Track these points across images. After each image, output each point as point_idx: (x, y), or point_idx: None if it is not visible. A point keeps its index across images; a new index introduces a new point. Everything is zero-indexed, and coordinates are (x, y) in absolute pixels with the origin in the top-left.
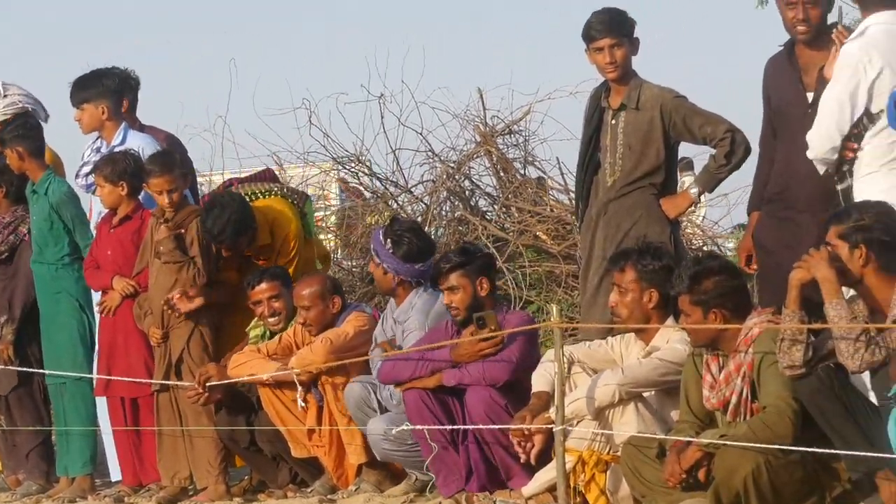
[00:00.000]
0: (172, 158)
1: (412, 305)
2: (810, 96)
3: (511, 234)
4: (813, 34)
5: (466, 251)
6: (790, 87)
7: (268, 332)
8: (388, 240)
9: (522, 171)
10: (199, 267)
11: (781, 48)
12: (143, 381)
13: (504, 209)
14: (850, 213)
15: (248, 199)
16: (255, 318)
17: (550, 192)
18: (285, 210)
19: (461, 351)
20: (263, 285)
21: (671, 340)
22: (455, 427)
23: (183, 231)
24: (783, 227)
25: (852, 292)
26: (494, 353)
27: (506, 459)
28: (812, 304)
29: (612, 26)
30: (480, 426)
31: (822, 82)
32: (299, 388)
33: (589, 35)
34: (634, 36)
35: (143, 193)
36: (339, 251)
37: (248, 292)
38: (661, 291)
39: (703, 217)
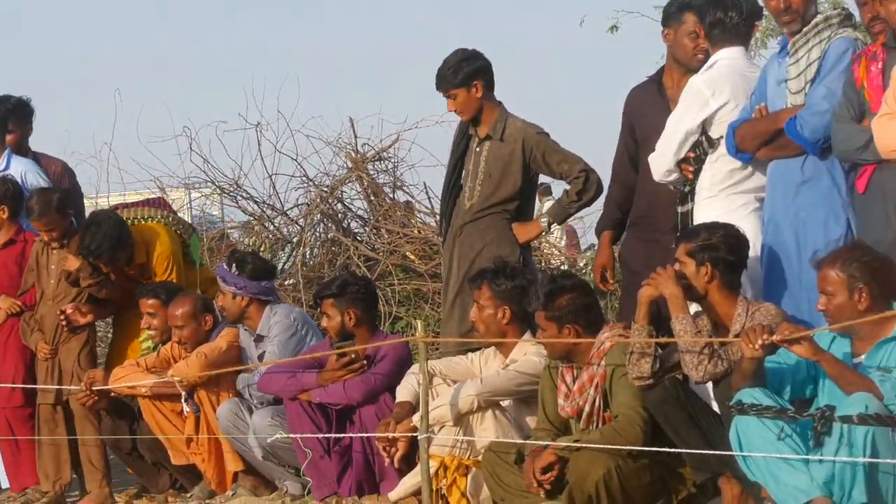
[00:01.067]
0: (50, 200)
1: (271, 317)
2: None
3: (381, 254)
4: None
5: (344, 283)
6: (658, 117)
7: (156, 346)
8: (233, 264)
9: (392, 195)
10: (113, 279)
11: (647, 79)
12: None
13: (374, 231)
14: (698, 233)
15: (129, 222)
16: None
17: (418, 215)
18: (161, 232)
19: (325, 377)
20: (146, 300)
21: (528, 353)
22: (327, 435)
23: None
24: (648, 249)
25: (698, 307)
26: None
27: (384, 466)
28: (660, 319)
29: (442, 81)
30: (350, 435)
31: None
32: (184, 394)
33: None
34: (475, 80)
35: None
36: None
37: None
38: (515, 308)
39: (562, 239)
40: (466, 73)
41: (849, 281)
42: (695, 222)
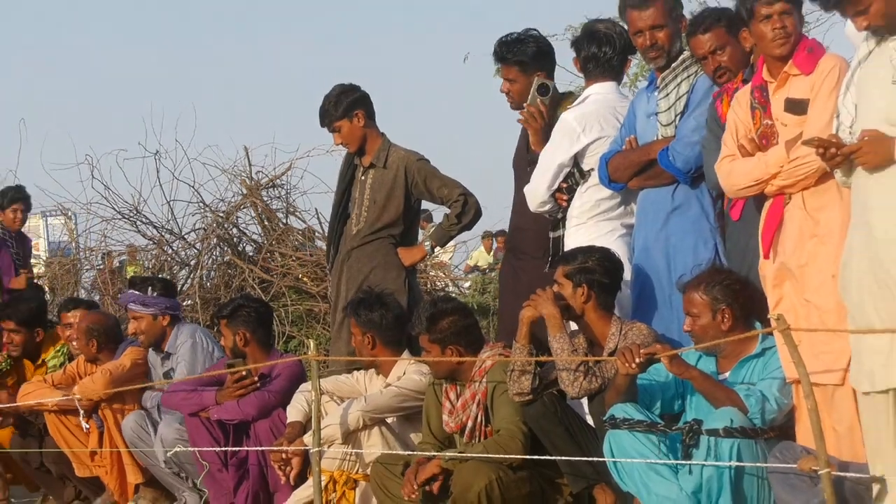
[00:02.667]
0: None
1: (177, 335)
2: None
3: (275, 276)
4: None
5: (236, 306)
6: (522, 147)
7: (65, 362)
8: (149, 287)
9: (285, 220)
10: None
11: None
12: None
13: (268, 254)
14: (576, 256)
15: None
16: (54, 349)
17: (314, 240)
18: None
19: (223, 395)
20: (66, 312)
21: (408, 372)
22: (225, 449)
23: None
24: (514, 272)
25: (575, 326)
26: (247, 394)
27: (277, 479)
28: (539, 339)
29: (325, 115)
30: (246, 448)
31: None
32: (81, 412)
33: None
34: (356, 111)
35: None
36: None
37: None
38: (378, 335)
39: (450, 261)
40: (347, 105)
41: (712, 303)
42: (565, 248)
